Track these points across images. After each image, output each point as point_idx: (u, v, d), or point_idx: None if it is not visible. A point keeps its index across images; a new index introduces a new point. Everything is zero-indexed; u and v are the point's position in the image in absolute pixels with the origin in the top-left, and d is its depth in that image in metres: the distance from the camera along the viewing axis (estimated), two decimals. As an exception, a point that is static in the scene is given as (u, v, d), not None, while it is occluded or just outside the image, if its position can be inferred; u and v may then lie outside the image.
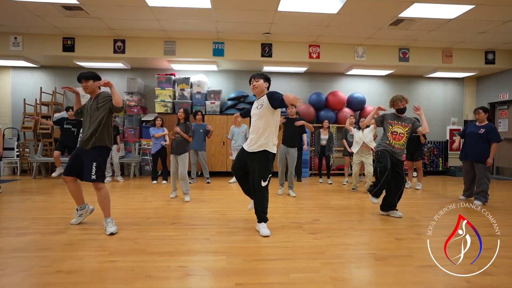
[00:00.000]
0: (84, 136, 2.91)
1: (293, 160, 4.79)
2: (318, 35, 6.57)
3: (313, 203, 4.43)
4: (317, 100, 7.71)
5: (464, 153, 4.74)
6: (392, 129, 3.63)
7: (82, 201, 3.16)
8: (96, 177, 2.86)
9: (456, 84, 8.40)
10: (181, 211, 3.82)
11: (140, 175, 7.29)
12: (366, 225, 3.33)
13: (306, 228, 3.15)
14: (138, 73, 7.65)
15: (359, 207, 4.22)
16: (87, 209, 3.26)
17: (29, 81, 7.50)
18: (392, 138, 3.62)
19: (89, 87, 2.94)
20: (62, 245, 2.57)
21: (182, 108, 4.75)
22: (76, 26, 6.11)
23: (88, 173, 2.85)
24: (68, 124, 6.07)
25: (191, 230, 3.05)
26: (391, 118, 3.66)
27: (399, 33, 6.36)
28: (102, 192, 2.94)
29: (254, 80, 3.02)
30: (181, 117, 4.65)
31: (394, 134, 3.63)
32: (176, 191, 4.67)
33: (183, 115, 4.64)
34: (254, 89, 3.01)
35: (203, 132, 6.07)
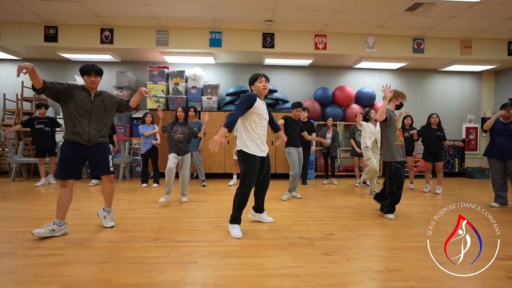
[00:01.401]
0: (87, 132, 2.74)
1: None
2: (325, 23, 5.96)
3: (322, 211, 3.82)
4: (323, 96, 7.10)
5: (497, 152, 4.12)
6: (398, 125, 3.45)
7: (65, 215, 2.78)
8: (113, 169, 2.96)
9: (473, 78, 7.78)
10: (168, 222, 3.22)
11: (131, 176, 6.70)
12: (392, 241, 2.73)
13: (319, 246, 2.55)
14: (129, 67, 7.06)
15: (377, 215, 3.61)
16: (62, 229, 2.73)
17: (9, 74, 6.91)
18: (400, 136, 3.42)
19: (97, 83, 2.80)
20: (2, 275, 1.97)
21: (181, 106, 4.32)
22: (58, 13, 5.52)
23: (106, 166, 2.88)
24: (40, 124, 5.33)
25: (177, 249, 2.45)
26: (393, 114, 3.46)
27: (415, 21, 5.75)
28: (113, 184, 3.02)
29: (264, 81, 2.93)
30: (181, 117, 4.24)
31: (400, 131, 3.44)
32: (168, 194, 4.07)
33: (183, 115, 4.24)
34: (265, 90, 2.94)
35: (197, 129, 5.47)
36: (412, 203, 4.32)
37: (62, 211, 2.72)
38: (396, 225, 3.23)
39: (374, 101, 7.24)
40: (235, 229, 2.79)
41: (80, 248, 2.44)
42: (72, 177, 2.74)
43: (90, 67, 2.75)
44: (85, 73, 2.75)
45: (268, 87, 2.94)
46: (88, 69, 2.74)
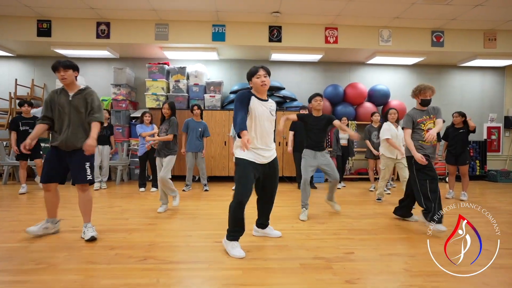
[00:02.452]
0: (64, 136, 2.61)
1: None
2: (336, 15, 5.51)
3: (337, 221, 3.38)
4: (334, 94, 6.63)
5: None
6: (425, 127, 3.09)
7: (56, 214, 2.83)
8: (92, 177, 2.73)
9: (496, 74, 7.23)
10: (162, 236, 2.81)
11: (129, 179, 6.33)
12: (426, 263, 2.27)
13: (338, 270, 2.11)
14: (127, 63, 6.69)
15: (401, 228, 3.15)
16: (55, 227, 2.83)
17: (3, 72, 6.60)
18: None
19: (68, 77, 2.62)
20: None
21: (167, 102, 3.81)
22: (52, 5, 5.17)
23: (83, 174, 2.66)
24: (25, 125, 4.78)
25: (167, 274, 2.04)
26: (419, 115, 3.12)
27: (435, 11, 5.26)
28: (88, 193, 2.76)
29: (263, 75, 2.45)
30: (167, 114, 3.79)
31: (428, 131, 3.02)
32: (166, 205, 3.73)
33: (169, 112, 3.78)
34: (264, 86, 2.46)
35: (202, 130, 5.09)
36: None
37: (52, 211, 2.78)
38: (421, 239, 2.77)
39: (388, 99, 6.76)
40: (235, 248, 2.36)
41: (52, 272, 2.04)
42: (51, 181, 2.68)
43: (57, 63, 2.62)
44: (55, 70, 2.63)
45: (267, 83, 2.45)
46: (55, 65, 2.62)
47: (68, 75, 2.62)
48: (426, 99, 3.09)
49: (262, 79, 2.43)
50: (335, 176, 3.51)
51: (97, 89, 6.49)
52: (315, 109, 3.54)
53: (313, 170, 3.54)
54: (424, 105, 3.12)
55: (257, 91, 2.50)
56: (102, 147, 5.32)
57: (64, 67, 2.61)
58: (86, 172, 2.67)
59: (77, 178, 2.66)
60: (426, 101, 3.09)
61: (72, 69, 2.66)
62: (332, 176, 3.51)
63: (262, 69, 2.45)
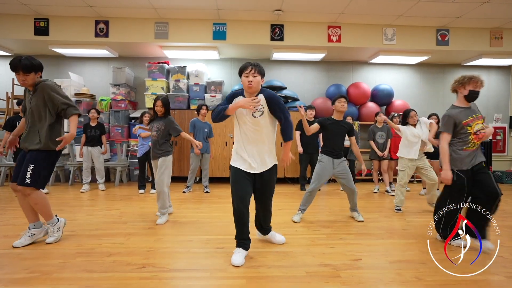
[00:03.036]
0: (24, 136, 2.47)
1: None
2: (339, 13, 5.40)
3: (343, 225, 3.27)
4: (336, 93, 6.50)
5: None
6: (472, 129, 2.54)
7: (37, 217, 2.60)
8: (30, 181, 2.40)
9: (501, 73, 7.12)
10: (161, 241, 2.70)
11: (129, 180, 6.23)
12: (437, 272, 2.16)
13: (347, 279, 2.00)
14: (127, 62, 6.58)
15: (410, 233, 3.04)
16: (42, 229, 2.63)
17: (0, 71, 6.49)
18: (477, 140, 2.54)
19: (29, 81, 2.37)
20: None
21: (160, 98, 3.29)
22: (49, 4, 5.07)
23: (22, 175, 2.39)
24: None
25: (166, 283, 1.93)
26: (464, 115, 2.55)
27: (440, 8, 5.15)
28: (30, 198, 2.46)
29: (251, 74, 2.18)
30: (160, 112, 3.29)
31: (477, 134, 2.53)
32: (169, 209, 3.55)
33: (162, 109, 3.28)
34: (250, 87, 2.19)
35: (207, 131, 4.99)
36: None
37: (30, 215, 2.57)
38: (436, 246, 2.66)
39: (392, 99, 6.65)
40: (236, 254, 2.25)
41: (45, 282, 1.93)
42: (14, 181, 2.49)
43: (16, 64, 2.30)
44: (14, 71, 2.35)
45: (254, 84, 2.16)
46: (15, 64, 2.31)
47: (30, 78, 2.34)
48: (475, 91, 2.53)
49: (249, 78, 2.17)
50: (350, 186, 3.30)
51: (96, 88, 6.49)
52: (338, 111, 3.30)
53: (327, 180, 3.34)
54: (470, 100, 2.58)
55: (245, 91, 2.27)
56: (92, 148, 5.15)
57: (25, 71, 2.30)
58: (26, 174, 2.38)
59: (19, 177, 2.42)
60: (474, 94, 2.53)
61: (34, 71, 2.35)
62: (347, 187, 3.31)
63: (251, 67, 2.18)
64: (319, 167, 3.31)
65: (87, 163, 5.14)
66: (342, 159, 3.33)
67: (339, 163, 3.29)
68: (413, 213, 3.83)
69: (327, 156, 3.29)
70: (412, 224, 3.34)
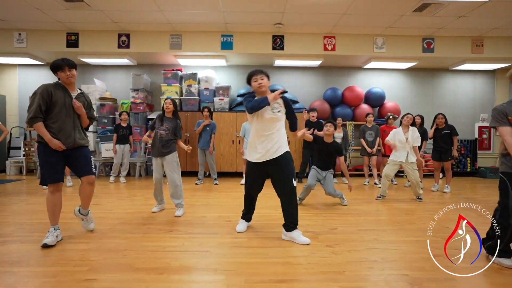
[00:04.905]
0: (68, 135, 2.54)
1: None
2: (333, 25, 6.08)
3: (329, 208, 3.97)
4: (333, 96, 7.20)
5: None
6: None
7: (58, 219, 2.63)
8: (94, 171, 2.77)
9: (486, 77, 7.69)
10: (182, 217, 3.45)
11: (146, 174, 7.02)
12: (393, 235, 2.86)
13: (322, 239, 2.71)
14: (144, 70, 7.37)
15: (382, 213, 3.73)
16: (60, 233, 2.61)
17: (35, 79, 7.35)
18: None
19: (73, 76, 2.58)
20: (38, 258, 2.24)
21: (170, 98, 3.64)
22: (79, 20, 5.87)
23: (89, 166, 2.70)
24: None
25: (190, 240, 2.67)
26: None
27: (423, 21, 5.79)
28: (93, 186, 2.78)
29: (260, 78, 2.67)
30: (169, 110, 3.52)
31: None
32: (162, 204, 3.73)
33: (172, 107, 3.52)
34: (261, 87, 2.66)
35: (210, 129, 5.73)
36: (419, 201, 4.39)
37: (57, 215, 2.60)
38: (399, 221, 3.35)
39: (383, 101, 7.29)
40: (239, 224, 2.96)
41: (104, 238, 2.70)
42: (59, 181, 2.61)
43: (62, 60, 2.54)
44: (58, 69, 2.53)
45: (264, 83, 2.64)
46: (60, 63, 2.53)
47: (73, 74, 2.57)
48: None
49: (258, 81, 2.65)
50: (329, 190, 3.94)
51: (117, 93, 7.34)
52: (326, 135, 3.97)
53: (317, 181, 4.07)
54: None
55: (257, 93, 2.72)
56: (124, 145, 6.00)
57: (70, 66, 2.54)
58: (91, 164, 2.71)
59: (82, 171, 2.66)
60: None
61: (75, 68, 2.61)
62: (326, 190, 3.98)
63: (257, 72, 2.66)
64: (312, 172, 4.09)
65: (118, 160, 5.94)
66: (329, 170, 4.06)
67: (325, 174, 4.04)
68: (392, 200, 4.49)
69: (317, 168, 4.08)
70: (386, 208, 4.02)
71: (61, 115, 2.52)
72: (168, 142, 3.45)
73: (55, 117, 2.50)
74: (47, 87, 2.50)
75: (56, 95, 2.50)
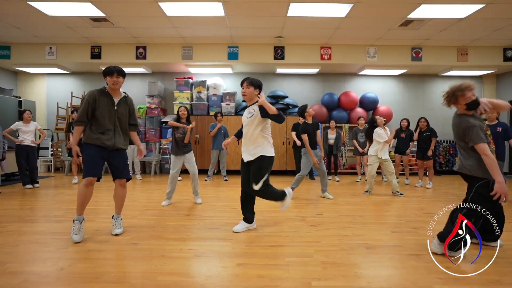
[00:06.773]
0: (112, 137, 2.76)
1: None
2: (329, 37, 6.74)
3: (321, 199, 4.65)
4: (330, 101, 7.86)
5: None
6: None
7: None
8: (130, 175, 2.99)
9: (474, 81, 8.16)
10: (196, 205, 4.17)
11: (161, 172, 7.77)
12: (367, 219, 3.52)
13: (308, 221, 3.40)
14: (158, 77, 8.14)
15: (364, 203, 4.40)
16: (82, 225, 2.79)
17: (62, 86, 8.18)
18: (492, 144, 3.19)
19: (119, 83, 2.79)
20: (92, 230, 2.98)
21: (183, 105, 4.45)
22: (103, 35, 6.65)
23: (127, 171, 2.93)
24: None
25: (203, 221, 3.39)
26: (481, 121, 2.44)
27: (410, 33, 6.41)
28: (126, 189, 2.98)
29: (245, 86, 2.89)
30: (184, 116, 4.30)
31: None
32: (170, 199, 4.19)
33: (186, 113, 4.31)
34: (244, 95, 2.92)
35: (224, 132, 6.45)
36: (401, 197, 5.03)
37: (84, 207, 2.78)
38: (376, 209, 4.02)
39: (377, 105, 7.91)
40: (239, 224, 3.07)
41: (136, 218, 3.43)
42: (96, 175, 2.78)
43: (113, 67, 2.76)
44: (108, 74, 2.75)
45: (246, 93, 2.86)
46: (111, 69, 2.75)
47: (120, 81, 2.77)
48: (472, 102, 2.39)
49: (243, 90, 2.89)
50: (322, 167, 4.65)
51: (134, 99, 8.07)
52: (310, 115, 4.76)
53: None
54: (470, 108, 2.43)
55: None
56: (133, 146, 6.73)
57: (118, 73, 2.75)
58: (128, 169, 2.94)
59: (122, 173, 2.87)
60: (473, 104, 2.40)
61: (123, 76, 2.80)
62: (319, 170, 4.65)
63: (243, 82, 2.87)
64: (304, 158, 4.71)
65: (130, 159, 6.71)
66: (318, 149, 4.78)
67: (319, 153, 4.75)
68: (375, 195, 5.12)
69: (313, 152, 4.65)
70: (369, 200, 4.67)
71: (103, 118, 2.73)
72: (184, 142, 4.17)
73: (98, 119, 2.73)
74: (93, 93, 2.74)
75: (100, 100, 2.73)
